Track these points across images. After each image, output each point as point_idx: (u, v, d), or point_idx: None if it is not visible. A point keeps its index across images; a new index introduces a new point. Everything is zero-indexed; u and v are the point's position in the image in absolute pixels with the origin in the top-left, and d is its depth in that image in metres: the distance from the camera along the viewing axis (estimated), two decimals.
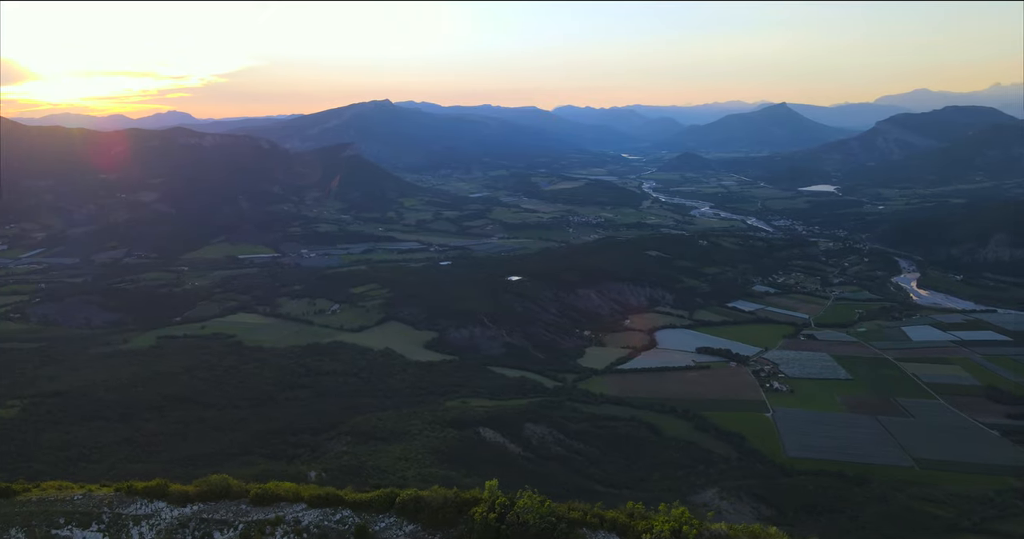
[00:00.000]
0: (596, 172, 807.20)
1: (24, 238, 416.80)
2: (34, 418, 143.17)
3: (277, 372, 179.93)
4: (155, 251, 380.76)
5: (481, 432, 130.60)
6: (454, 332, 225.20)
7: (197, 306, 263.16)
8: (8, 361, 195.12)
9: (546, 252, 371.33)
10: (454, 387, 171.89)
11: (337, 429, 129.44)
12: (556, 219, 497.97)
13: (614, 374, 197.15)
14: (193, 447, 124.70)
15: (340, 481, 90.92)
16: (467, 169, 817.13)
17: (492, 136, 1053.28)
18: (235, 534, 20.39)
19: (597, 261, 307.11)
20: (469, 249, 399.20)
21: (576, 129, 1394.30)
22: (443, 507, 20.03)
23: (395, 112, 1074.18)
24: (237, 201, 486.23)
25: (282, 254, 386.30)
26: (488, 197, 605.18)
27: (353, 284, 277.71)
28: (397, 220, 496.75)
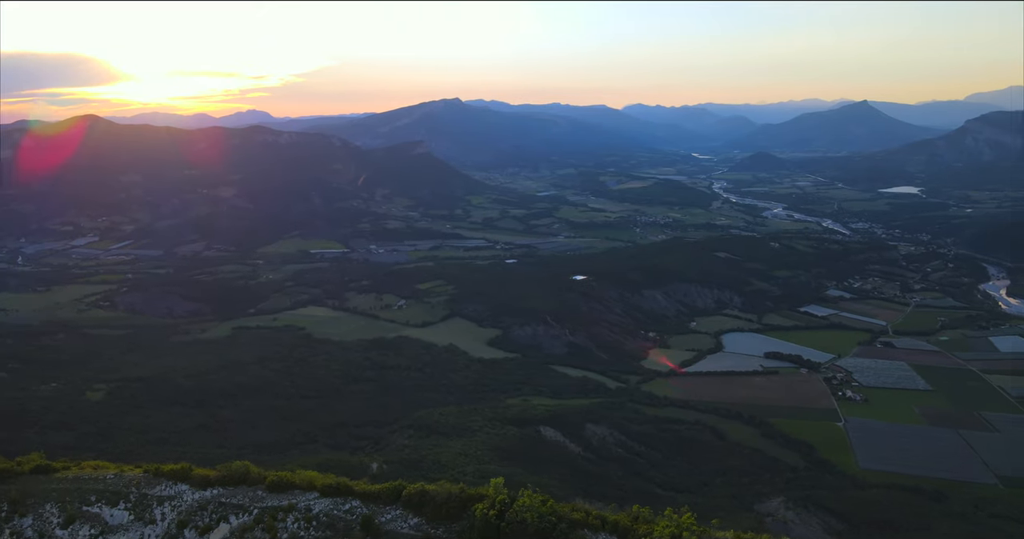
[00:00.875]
0: (665, 171, 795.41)
1: (114, 230, 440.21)
2: (118, 401, 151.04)
3: (343, 365, 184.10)
4: (233, 244, 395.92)
5: (542, 431, 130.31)
6: (517, 330, 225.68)
7: (270, 298, 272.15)
8: (97, 347, 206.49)
9: (612, 252, 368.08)
10: (516, 385, 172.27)
11: (399, 422, 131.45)
12: (623, 219, 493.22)
13: (678, 377, 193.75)
14: (262, 434, 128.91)
15: (400, 474, 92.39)
16: (535, 167, 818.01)
17: (560, 134, 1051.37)
18: (249, 519, 21.08)
19: (664, 262, 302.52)
20: (535, 247, 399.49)
21: (646, 128, 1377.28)
22: (447, 502, 20.40)
23: (464, 110, 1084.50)
24: (310, 197, 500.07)
25: (352, 249, 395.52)
26: (555, 196, 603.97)
27: (419, 280, 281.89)
28: (464, 217, 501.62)
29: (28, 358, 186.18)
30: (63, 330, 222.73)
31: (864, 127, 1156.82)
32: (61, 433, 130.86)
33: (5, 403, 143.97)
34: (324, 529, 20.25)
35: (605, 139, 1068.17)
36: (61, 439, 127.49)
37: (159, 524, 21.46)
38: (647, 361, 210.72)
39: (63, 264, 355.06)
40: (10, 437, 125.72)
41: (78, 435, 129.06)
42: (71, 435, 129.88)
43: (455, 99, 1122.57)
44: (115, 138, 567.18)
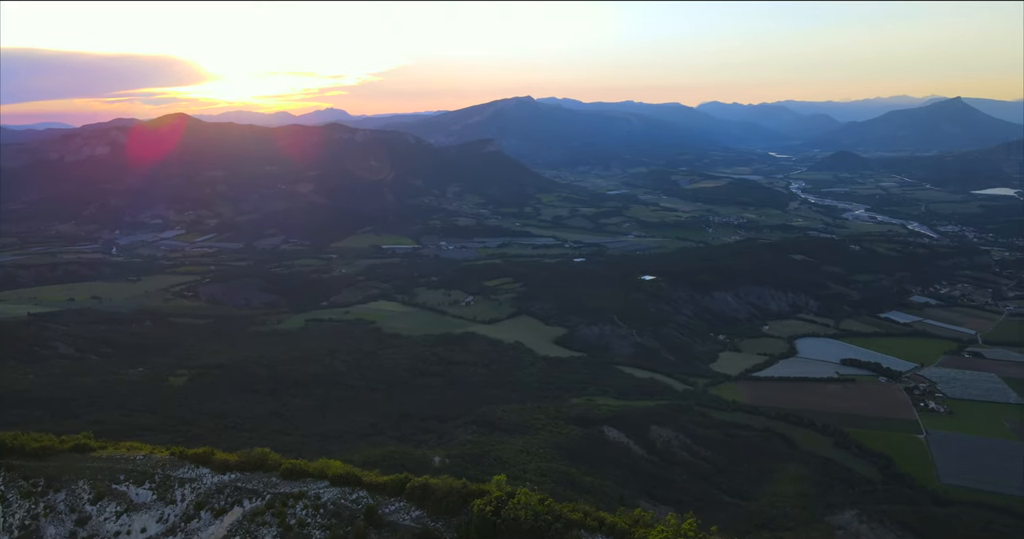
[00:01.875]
0: (740, 171, 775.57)
1: (199, 224, 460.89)
2: (198, 387, 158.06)
3: (411, 359, 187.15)
4: (308, 239, 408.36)
5: (605, 431, 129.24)
6: (584, 329, 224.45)
7: (343, 292, 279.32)
8: (181, 335, 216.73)
9: (683, 252, 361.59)
10: (581, 384, 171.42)
11: (463, 418, 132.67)
12: (695, 218, 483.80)
13: (748, 381, 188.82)
14: (330, 424, 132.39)
15: (462, 468, 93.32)
16: (606, 166, 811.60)
17: (632, 133, 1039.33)
18: (262, 503, 21.96)
19: (736, 263, 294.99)
20: (604, 246, 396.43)
21: (721, 126, 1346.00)
22: (447, 496, 20.85)
23: (536, 108, 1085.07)
24: (383, 193, 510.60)
25: (422, 245, 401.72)
26: (626, 194, 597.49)
27: (487, 277, 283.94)
28: (534, 215, 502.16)
29: (118, 343, 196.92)
30: (150, 318, 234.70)
31: (957, 125, 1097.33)
32: (145, 416, 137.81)
33: (96, 385, 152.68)
34: (330, 517, 20.94)
35: (678, 137, 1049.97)
36: (144, 421, 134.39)
37: (179, 504, 22.64)
38: (716, 363, 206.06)
39: (152, 255, 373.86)
40: (99, 417, 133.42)
41: (160, 418, 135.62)
42: (154, 418, 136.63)
43: (527, 97, 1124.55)
44: (202, 136, 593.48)
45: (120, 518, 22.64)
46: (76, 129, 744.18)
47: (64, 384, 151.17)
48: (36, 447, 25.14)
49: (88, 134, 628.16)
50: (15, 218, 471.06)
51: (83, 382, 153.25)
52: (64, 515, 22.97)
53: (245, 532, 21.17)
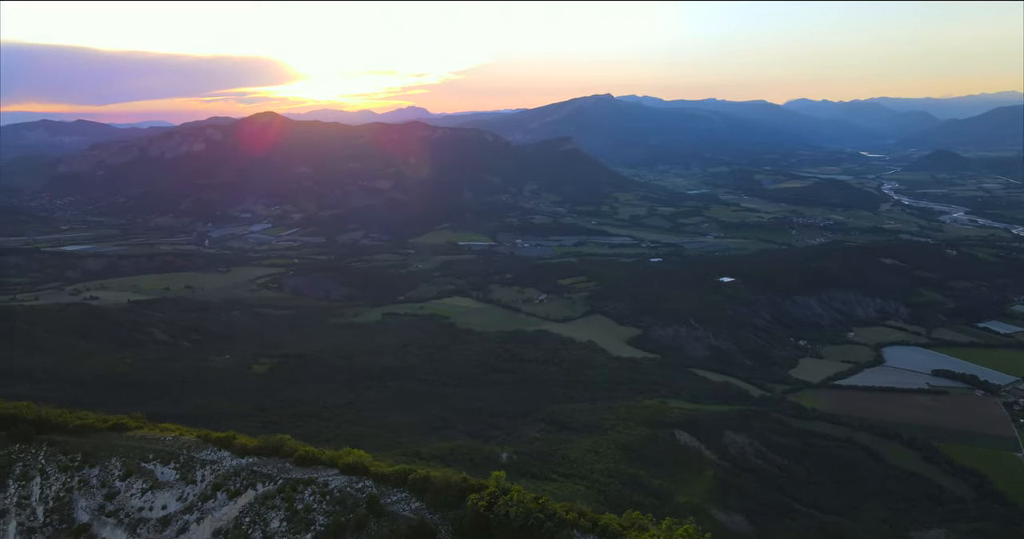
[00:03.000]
0: (828, 171, 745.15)
1: (285, 218, 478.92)
2: (278, 375, 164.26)
3: (483, 355, 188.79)
4: (387, 234, 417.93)
5: (676, 434, 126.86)
6: (658, 330, 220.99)
7: (418, 287, 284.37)
8: (264, 324, 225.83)
9: (764, 254, 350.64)
10: (653, 386, 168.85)
11: (533, 415, 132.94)
12: (778, 220, 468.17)
13: (830, 389, 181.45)
14: (402, 416, 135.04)
15: (529, 465, 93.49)
16: (686, 165, 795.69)
17: (714, 131, 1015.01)
18: (273, 487, 23.02)
19: (821, 266, 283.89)
20: (681, 246, 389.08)
21: (809, 124, 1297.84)
22: (446, 489, 21.37)
23: (615, 106, 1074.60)
24: (461, 190, 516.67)
25: (498, 243, 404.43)
26: (706, 194, 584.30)
27: (561, 275, 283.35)
28: (610, 214, 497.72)
29: (208, 331, 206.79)
30: (237, 308, 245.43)
31: None
32: (229, 401, 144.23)
33: (186, 371, 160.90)
34: (335, 504, 21.75)
35: (762, 136, 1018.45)
36: (229, 407, 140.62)
37: (198, 484, 23.99)
38: (796, 370, 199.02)
39: (241, 248, 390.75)
40: (191, 400, 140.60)
41: (243, 404, 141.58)
42: (237, 404, 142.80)
43: (606, 95, 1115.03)
44: (290, 133, 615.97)
45: (144, 495, 24.08)
46: (175, 127, 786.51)
47: (158, 368, 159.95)
48: (78, 424, 26.81)
49: (186, 132, 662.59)
50: (119, 211, 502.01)
51: (175, 367, 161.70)
52: (95, 489, 24.53)
53: (255, 514, 22.15)
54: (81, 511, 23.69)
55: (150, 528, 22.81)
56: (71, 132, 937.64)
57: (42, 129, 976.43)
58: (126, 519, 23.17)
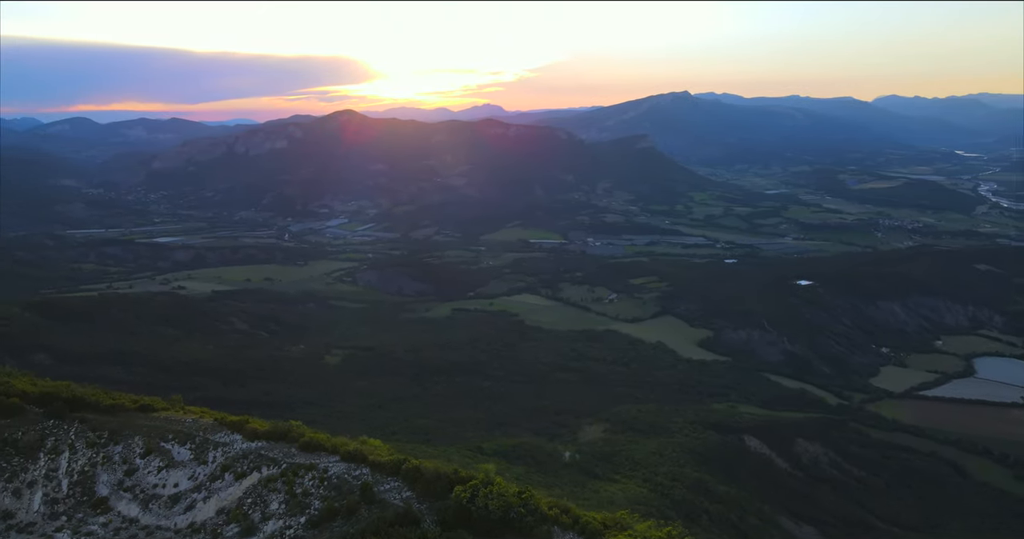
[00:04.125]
0: (919, 171, 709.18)
1: (361, 214, 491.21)
2: (350, 367, 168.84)
3: (551, 353, 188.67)
4: (459, 231, 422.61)
5: (745, 440, 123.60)
6: (731, 333, 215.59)
7: (489, 284, 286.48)
8: (339, 317, 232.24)
9: (846, 257, 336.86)
10: (723, 389, 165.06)
11: (598, 415, 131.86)
12: (862, 221, 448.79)
13: (913, 400, 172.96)
14: (468, 411, 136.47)
15: (592, 465, 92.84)
16: (765, 164, 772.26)
17: (796, 129, 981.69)
18: (277, 471, 23.88)
19: (907, 270, 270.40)
20: (758, 248, 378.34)
21: (899, 122, 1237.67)
22: (436, 480, 21.76)
23: (693, 104, 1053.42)
24: (533, 188, 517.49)
25: (569, 241, 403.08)
26: (785, 194, 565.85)
27: (632, 275, 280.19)
28: (685, 214, 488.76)
29: (284, 322, 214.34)
30: (313, 300, 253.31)
31: None
32: (304, 389, 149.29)
33: (263, 359, 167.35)
34: (332, 489, 22.47)
35: (848, 134, 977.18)
36: (303, 395, 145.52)
37: (209, 465, 25.04)
38: (877, 378, 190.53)
39: (319, 242, 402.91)
40: (264, 388, 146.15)
41: (316, 392, 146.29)
42: (311, 392, 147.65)
43: (684, 92, 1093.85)
44: (367, 131, 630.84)
45: (160, 472, 25.25)
46: (260, 125, 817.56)
47: (237, 356, 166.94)
48: (108, 404, 28.50)
49: (270, 129, 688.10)
50: (207, 205, 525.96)
51: (253, 355, 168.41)
52: (117, 465, 25.83)
53: (257, 496, 23.13)
54: (102, 485, 25.16)
55: (161, 504, 24.17)
56: (166, 130, 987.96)
57: (140, 127, 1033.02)
58: (141, 494, 24.59)
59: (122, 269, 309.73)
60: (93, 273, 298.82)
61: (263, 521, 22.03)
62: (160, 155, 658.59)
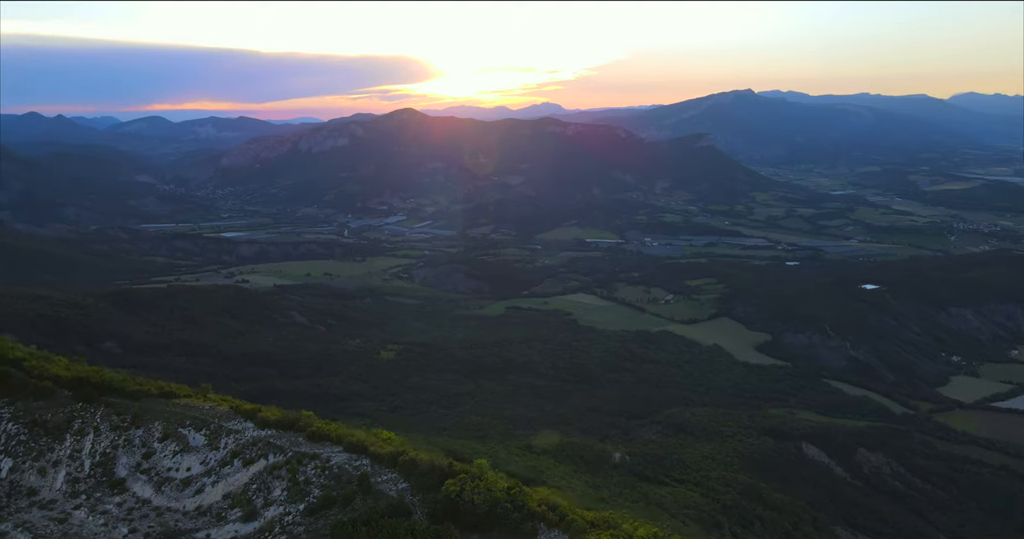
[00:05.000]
0: (997, 172, 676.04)
1: (419, 211, 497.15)
2: (404, 362, 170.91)
3: (604, 353, 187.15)
4: (515, 229, 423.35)
5: (803, 448, 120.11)
6: (790, 337, 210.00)
7: (543, 282, 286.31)
8: (394, 313, 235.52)
9: (916, 261, 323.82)
10: (781, 395, 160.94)
11: (651, 416, 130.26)
12: (935, 224, 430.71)
13: (985, 411, 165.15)
14: (519, 409, 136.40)
15: (642, 467, 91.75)
16: (831, 164, 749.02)
17: (865, 128, 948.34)
18: (282, 459, 24.63)
19: (982, 276, 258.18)
20: (821, 250, 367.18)
21: (977, 120, 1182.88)
22: (429, 472, 22.23)
23: (756, 102, 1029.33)
24: (590, 187, 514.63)
25: (625, 240, 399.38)
26: (852, 195, 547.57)
27: (690, 276, 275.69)
28: (745, 214, 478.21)
29: (342, 316, 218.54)
30: (370, 295, 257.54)
31: None
32: (359, 383, 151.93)
33: (320, 352, 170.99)
34: (332, 479, 23.14)
35: (921, 133, 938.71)
36: (358, 388, 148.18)
37: (220, 451, 25.99)
38: (946, 388, 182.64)
39: (377, 238, 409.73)
40: (319, 381, 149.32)
41: (370, 387, 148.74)
42: (365, 386, 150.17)
43: (747, 90, 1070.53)
44: (426, 129, 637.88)
45: (175, 457, 26.28)
46: (323, 123, 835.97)
47: (295, 348, 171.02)
48: (133, 389, 29.72)
49: (332, 127, 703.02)
50: (272, 201, 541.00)
51: (310, 348, 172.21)
52: (136, 448, 26.96)
53: (261, 482, 23.91)
54: (121, 467, 26.29)
55: (173, 487, 25.14)
56: (234, 128, 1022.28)
57: (210, 125, 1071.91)
58: (155, 477, 25.67)
59: (190, 262, 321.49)
60: (164, 266, 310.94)
61: (265, 507, 22.82)
62: (228, 153, 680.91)
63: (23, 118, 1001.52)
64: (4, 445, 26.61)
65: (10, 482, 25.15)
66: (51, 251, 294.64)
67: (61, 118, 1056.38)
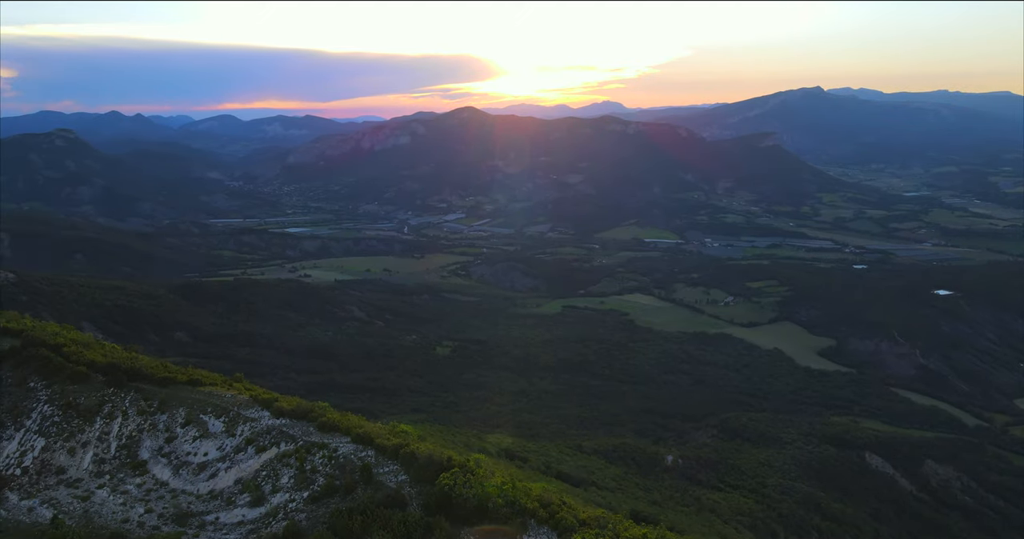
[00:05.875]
0: None
1: (478, 209, 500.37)
2: (459, 358, 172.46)
3: (660, 355, 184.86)
4: (574, 228, 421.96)
5: (867, 458, 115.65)
6: (856, 343, 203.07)
7: (600, 282, 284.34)
8: (451, 309, 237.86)
9: (994, 266, 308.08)
10: (844, 402, 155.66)
11: (706, 420, 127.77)
12: (1016, 228, 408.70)
13: None
14: (572, 409, 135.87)
15: (695, 471, 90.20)
16: (904, 164, 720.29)
17: (942, 126, 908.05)
18: (292, 448, 25.27)
19: None
20: (891, 254, 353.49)
21: None
22: (428, 465, 22.53)
23: (825, 100, 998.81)
24: (650, 186, 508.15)
25: (685, 241, 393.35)
26: (926, 197, 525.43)
27: (751, 278, 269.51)
28: (811, 216, 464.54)
29: (399, 312, 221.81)
30: (427, 292, 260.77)
31: None
32: (414, 378, 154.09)
33: (377, 347, 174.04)
34: (337, 468, 23.70)
35: (1004, 132, 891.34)
36: (413, 383, 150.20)
37: (236, 438, 26.78)
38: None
39: (436, 236, 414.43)
40: (378, 375, 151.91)
41: (425, 382, 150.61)
42: (421, 381, 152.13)
43: (816, 87, 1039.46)
44: (486, 127, 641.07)
45: (194, 442, 27.25)
46: (385, 121, 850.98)
47: (353, 342, 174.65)
48: (162, 376, 30.91)
49: (394, 126, 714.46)
50: (334, 198, 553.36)
51: (367, 343, 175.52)
52: (159, 432, 28.04)
53: (271, 469, 24.64)
54: (144, 449, 27.47)
55: (189, 471, 26.16)
56: (301, 126, 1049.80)
57: (278, 124, 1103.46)
58: (175, 461, 26.72)
59: (256, 256, 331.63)
60: (231, 259, 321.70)
61: (272, 493, 23.56)
62: (294, 150, 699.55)
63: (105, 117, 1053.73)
64: (39, 425, 28.24)
65: (41, 460, 26.59)
66: (130, 245, 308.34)
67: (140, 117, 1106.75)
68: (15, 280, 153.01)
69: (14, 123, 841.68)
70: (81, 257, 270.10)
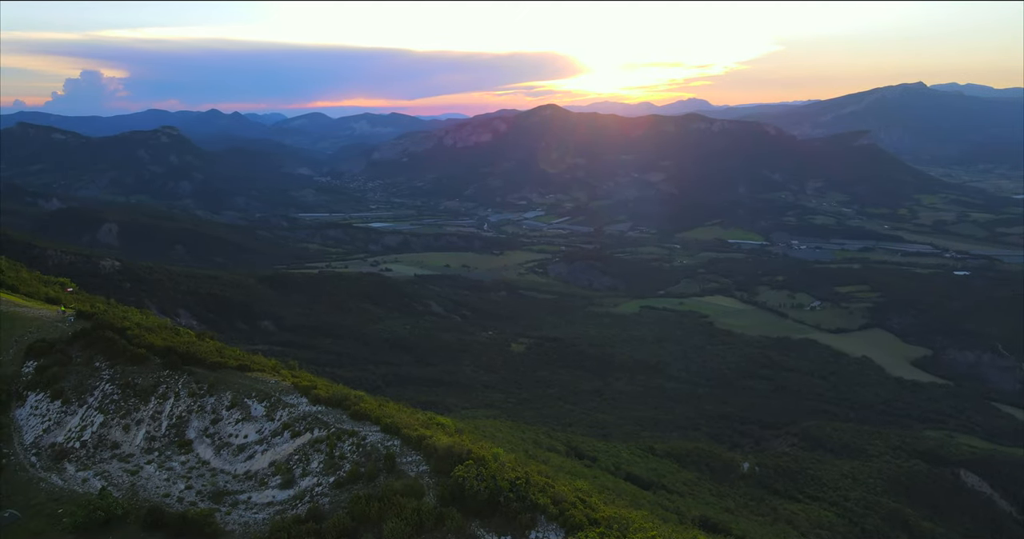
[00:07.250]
0: None
1: (557, 207, 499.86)
2: (534, 355, 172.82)
3: (740, 359, 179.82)
4: (655, 227, 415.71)
5: (961, 475, 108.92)
6: (954, 353, 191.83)
7: (680, 283, 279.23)
8: (528, 307, 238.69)
9: None
10: (938, 416, 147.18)
11: (786, 428, 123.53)
12: None
13: None
14: (647, 411, 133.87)
15: (772, 480, 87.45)
16: (1015, 164, 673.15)
17: None
18: (324, 434, 26.19)
19: None
20: (998, 260, 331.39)
21: None
22: (446, 457, 23.01)
23: (927, 96, 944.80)
24: (735, 186, 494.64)
25: (771, 243, 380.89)
26: None
27: (840, 282, 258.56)
28: (908, 218, 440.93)
29: (476, 308, 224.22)
30: (505, 288, 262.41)
31: None
32: (488, 373, 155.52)
33: (454, 342, 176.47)
34: (363, 456, 24.47)
35: None
36: (487, 378, 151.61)
37: (275, 422, 27.91)
38: None
39: (515, 233, 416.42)
40: (454, 369, 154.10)
41: (499, 378, 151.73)
42: (495, 377, 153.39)
43: (917, 83, 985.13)
44: (568, 125, 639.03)
45: (236, 424, 28.58)
46: (468, 119, 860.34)
47: (430, 337, 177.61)
48: (214, 360, 32.40)
49: (476, 123, 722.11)
50: (417, 194, 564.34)
51: (444, 337, 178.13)
52: (207, 413, 29.51)
53: (303, 453, 25.68)
54: (191, 429, 29.02)
55: (229, 452, 27.52)
56: (386, 124, 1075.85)
57: (364, 121, 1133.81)
58: (217, 441, 28.12)
59: (340, 250, 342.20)
60: (316, 252, 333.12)
61: (302, 477, 24.65)
62: (379, 147, 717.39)
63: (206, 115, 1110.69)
64: (100, 403, 30.39)
65: (99, 436, 28.67)
66: (225, 237, 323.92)
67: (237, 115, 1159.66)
68: (120, 268, 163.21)
69: (124, 121, 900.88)
70: (181, 247, 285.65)
